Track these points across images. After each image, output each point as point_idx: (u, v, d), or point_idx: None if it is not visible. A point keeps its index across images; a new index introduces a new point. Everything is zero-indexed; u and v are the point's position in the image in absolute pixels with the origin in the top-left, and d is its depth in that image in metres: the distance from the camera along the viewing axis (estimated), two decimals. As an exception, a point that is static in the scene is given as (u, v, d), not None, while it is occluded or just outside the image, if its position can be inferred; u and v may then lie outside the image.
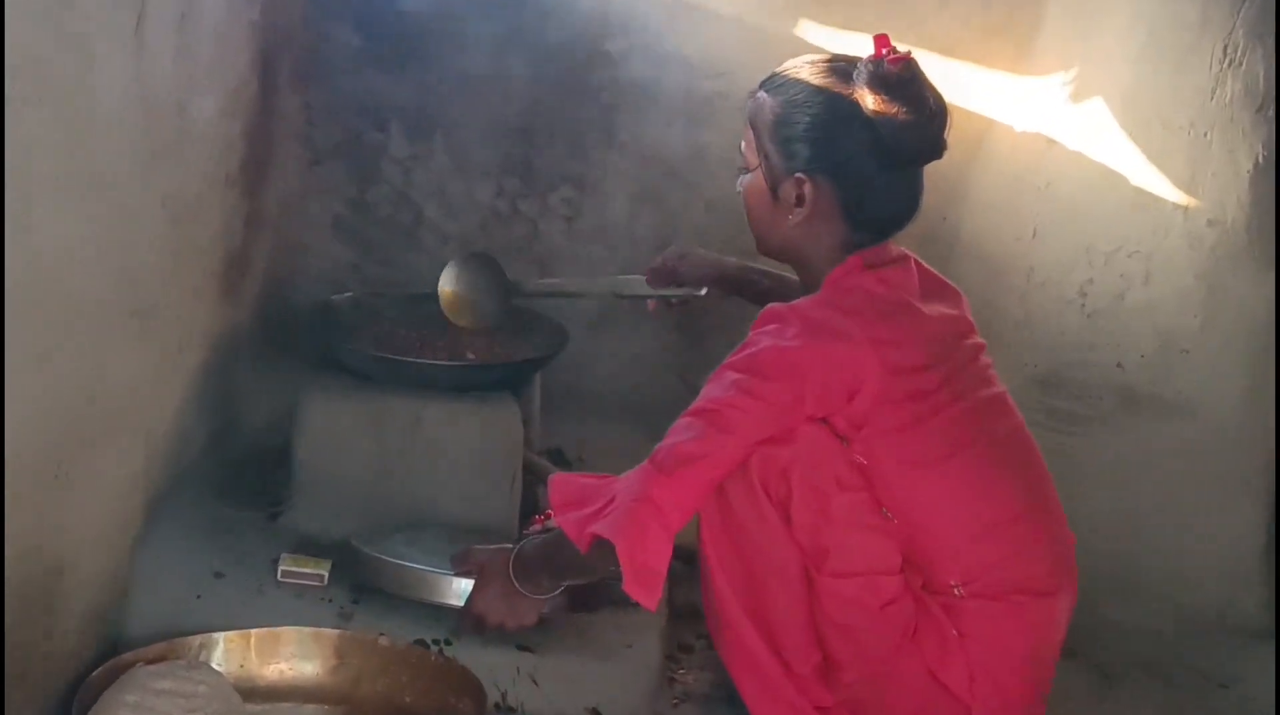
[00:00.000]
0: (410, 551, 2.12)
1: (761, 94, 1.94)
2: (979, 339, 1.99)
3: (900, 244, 1.96)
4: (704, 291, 2.27)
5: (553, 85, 2.95)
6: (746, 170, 1.97)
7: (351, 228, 3.00)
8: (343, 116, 2.94)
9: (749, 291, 2.28)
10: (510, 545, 2.01)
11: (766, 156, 1.92)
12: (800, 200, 1.90)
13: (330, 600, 2.14)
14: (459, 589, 2.03)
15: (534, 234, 3.03)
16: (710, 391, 1.85)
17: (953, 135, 1.90)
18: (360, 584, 2.15)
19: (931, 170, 2.97)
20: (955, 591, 1.86)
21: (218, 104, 2.21)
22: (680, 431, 1.84)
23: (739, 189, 1.99)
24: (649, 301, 2.34)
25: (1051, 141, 2.75)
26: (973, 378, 1.92)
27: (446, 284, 2.52)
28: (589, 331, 2.93)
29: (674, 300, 2.31)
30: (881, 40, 1.87)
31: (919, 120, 1.85)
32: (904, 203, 1.93)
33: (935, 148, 1.89)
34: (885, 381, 1.81)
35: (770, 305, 1.89)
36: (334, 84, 2.91)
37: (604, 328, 3.00)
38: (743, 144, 1.98)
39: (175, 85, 1.96)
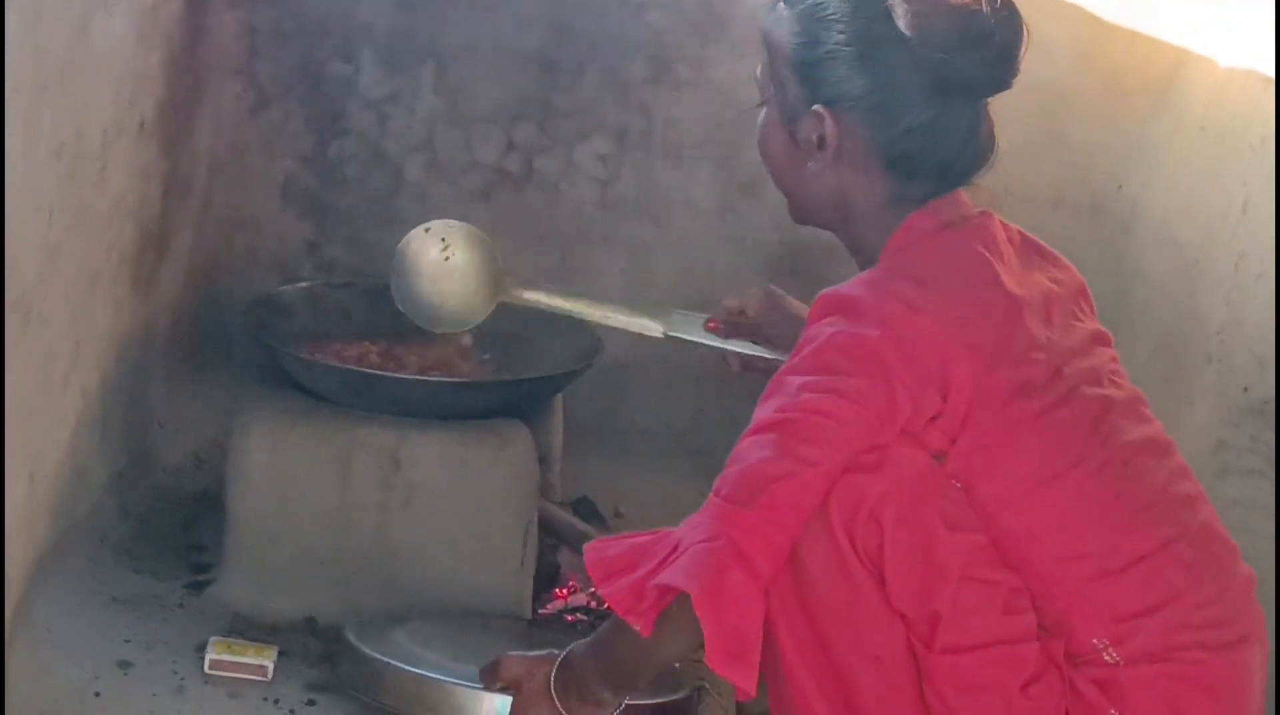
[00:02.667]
0: (425, 654, 2.13)
1: (780, 4, 2.01)
2: (1100, 327, 2.01)
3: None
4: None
5: (582, -1, 2.96)
6: (762, 104, 2.05)
7: (307, 194, 3.00)
8: (296, 43, 2.94)
9: None
10: (554, 651, 2.01)
11: (782, 85, 2.00)
12: (821, 142, 1.96)
13: (276, 701, 2.14)
14: (494, 710, 2.04)
15: (554, 203, 3.03)
16: (775, 404, 1.86)
17: (1131, 73, 1.88)
18: (340, 686, 2.16)
19: (1100, 120, 2.97)
20: (1106, 656, 1.85)
21: (129, 25, 2.21)
22: (747, 453, 1.84)
23: (757, 130, 2.07)
24: (730, 359, 2.30)
25: (1270, 81, 2.72)
26: (1092, 372, 1.93)
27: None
28: (631, 338, 2.91)
29: (758, 362, 2.27)
30: None
31: (967, 37, 1.89)
32: (960, 145, 1.97)
33: (995, 76, 1.94)
34: (978, 372, 1.84)
35: (824, 291, 1.93)
36: (285, -1, 2.92)
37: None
38: (758, 70, 2.05)
39: (72, -2, 1.96)
